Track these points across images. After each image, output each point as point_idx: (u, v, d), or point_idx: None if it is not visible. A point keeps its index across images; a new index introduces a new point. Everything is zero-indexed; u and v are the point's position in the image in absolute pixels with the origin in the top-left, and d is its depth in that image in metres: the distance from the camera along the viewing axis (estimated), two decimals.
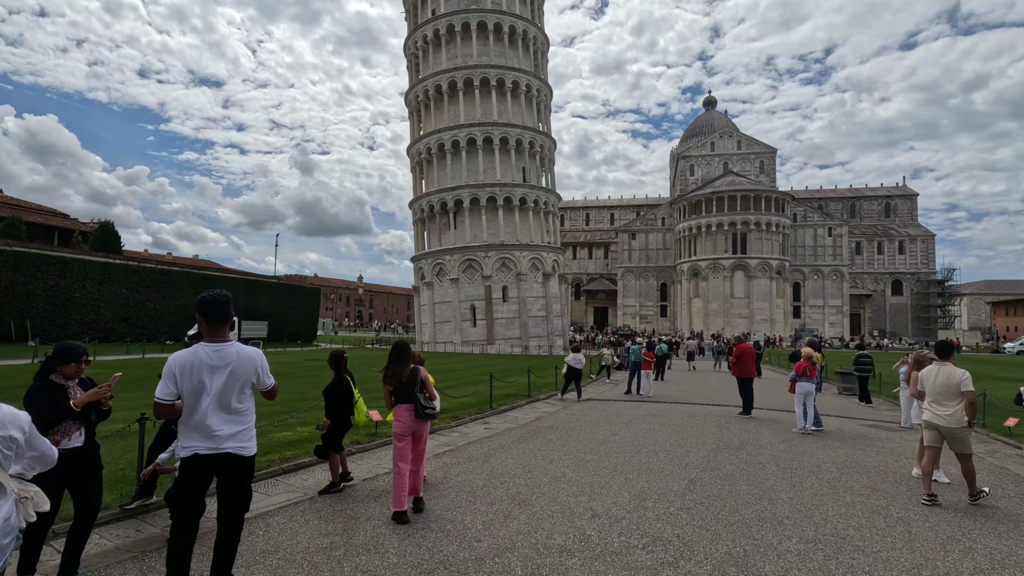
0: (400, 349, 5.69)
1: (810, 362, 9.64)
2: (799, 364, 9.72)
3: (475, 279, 45.72)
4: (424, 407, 5.34)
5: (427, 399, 5.43)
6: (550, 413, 11.81)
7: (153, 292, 33.97)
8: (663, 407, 13.01)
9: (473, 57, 47.63)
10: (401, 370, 5.46)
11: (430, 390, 5.53)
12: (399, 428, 5.30)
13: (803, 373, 9.57)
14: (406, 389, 5.40)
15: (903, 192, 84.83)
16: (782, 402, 14.66)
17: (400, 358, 5.56)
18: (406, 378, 5.40)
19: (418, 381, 5.44)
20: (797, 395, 9.67)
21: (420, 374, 5.50)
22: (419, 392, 5.39)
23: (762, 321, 66.54)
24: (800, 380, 9.63)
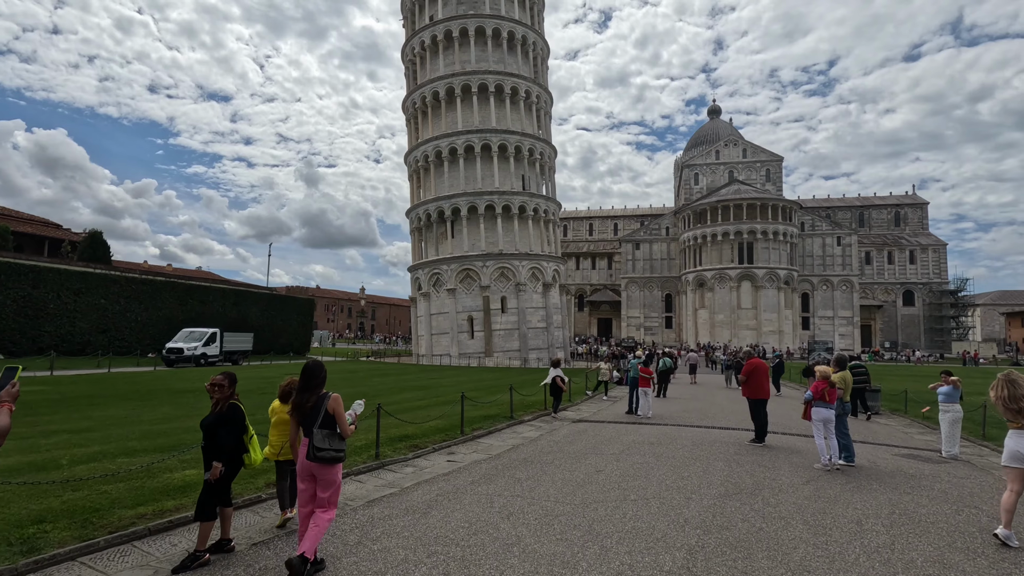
0: (309, 373, 4.51)
1: (828, 382, 8.04)
2: (815, 385, 8.11)
3: (473, 289, 44.23)
4: (318, 448, 4.24)
5: (330, 437, 4.30)
6: (531, 440, 10.21)
7: (134, 303, 32.62)
8: (663, 432, 11.37)
9: (472, 63, 46.57)
10: (307, 399, 4.38)
11: (342, 426, 4.41)
12: (298, 467, 4.38)
13: (820, 396, 7.96)
14: (308, 422, 4.34)
15: (913, 201, 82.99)
16: (799, 424, 12.98)
17: (308, 384, 4.45)
18: (309, 409, 4.34)
19: (321, 413, 4.32)
20: (815, 423, 8.06)
21: (327, 405, 4.36)
22: (319, 427, 4.28)
23: (770, 333, 64.57)
24: (817, 404, 8.03)
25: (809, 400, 8.07)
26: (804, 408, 8.29)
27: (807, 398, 8.11)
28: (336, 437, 4.32)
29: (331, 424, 4.33)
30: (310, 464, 4.26)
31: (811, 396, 8.01)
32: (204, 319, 35.57)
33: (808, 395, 8.08)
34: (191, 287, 37.44)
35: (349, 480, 6.89)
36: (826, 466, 7.76)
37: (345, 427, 4.42)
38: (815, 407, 8.00)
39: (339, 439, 4.35)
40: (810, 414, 8.12)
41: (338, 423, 4.36)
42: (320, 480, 4.30)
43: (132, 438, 8.54)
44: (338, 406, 4.42)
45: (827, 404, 7.90)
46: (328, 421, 4.32)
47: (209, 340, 30.12)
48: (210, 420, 4.61)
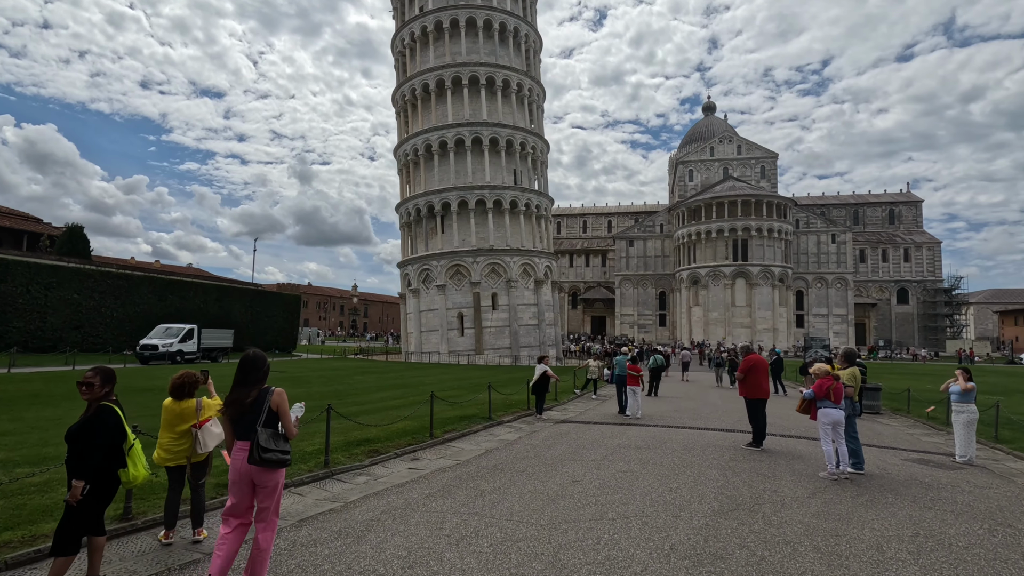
0: (248, 365, 3.90)
1: (833, 378, 7.16)
2: (820, 382, 7.22)
3: (463, 286, 43.30)
4: (264, 448, 3.64)
5: (275, 437, 3.73)
6: (507, 443, 9.30)
7: (110, 298, 31.46)
8: (652, 434, 10.49)
9: (462, 55, 45.55)
10: (245, 394, 3.79)
11: (287, 424, 3.84)
12: (232, 474, 3.78)
13: (825, 394, 7.10)
14: (246, 420, 3.73)
15: (907, 199, 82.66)
16: (799, 425, 12.14)
17: (247, 378, 3.86)
18: (249, 405, 3.75)
19: (264, 410, 3.74)
20: (822, 425, 7.15)
21: (271, 399, 3.80)
22: (263, 426, 3.70)
23: (764, 330, 63.95)
24: (823, 404, 7.15)
25: (810, 398, 7.18)
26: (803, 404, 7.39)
27: (807, 396, 7.22)
28: (281, 438, 3.77)
29: (275, 423, 3.78)
30: (251, 469, 3.68)
31: (812, 394, 7.13)
32: (185, 315, 34.44)
33: (808, 393, 7.19)
34: (170, 282, 36.29)
35: (288, 493, 5.98)
36: (833, 475, 6.88)
37: (290, 426, 3.84)
38: (823, 408, 7.10)
39: (284, 440, 3.79)
40: (815, 414, 7.24)
41: (282, 421, 3.80)
42: (262, 487, 3.74)
43: (52, 443, 7.58)
44: (283, 402, 3.84)
45: (835, 404, 7.04)
46: (272, 419, 3.77)
47: (186, 336, 29.02)
48: (75, 427, 3.70)
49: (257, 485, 3.75)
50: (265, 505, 3.76)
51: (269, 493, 3.78)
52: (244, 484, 3.73)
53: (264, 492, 3.76)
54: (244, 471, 3.70)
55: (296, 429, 3.99)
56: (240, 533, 3.76)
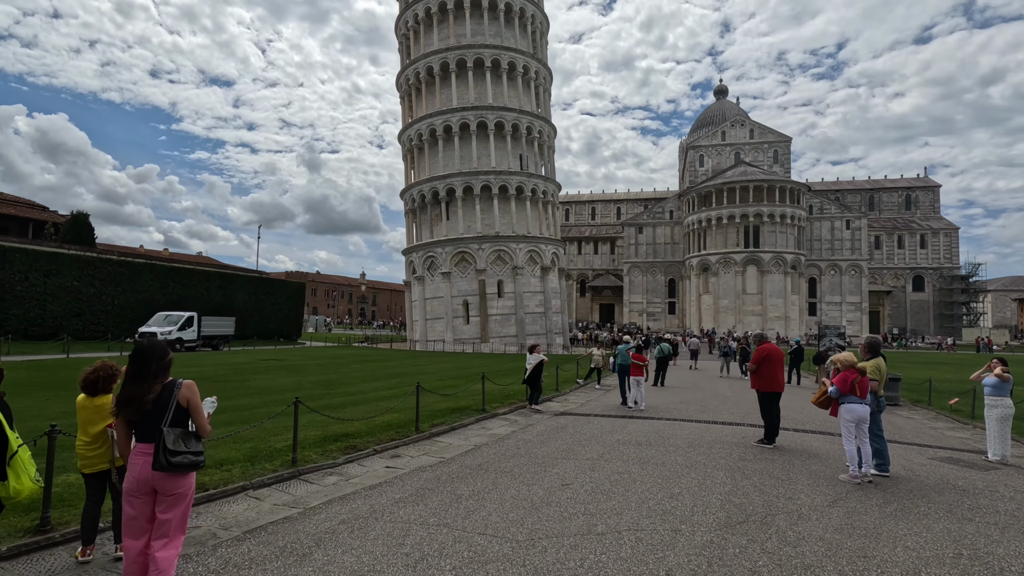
0: (144, 357, 3.27)
1: (858, 371, 6.41)
2: (842, 376, 6.43)
3: (468, 273, 42.66)
4: (171, 451, 3.12)
5: (184, 437, 3.21)
6: (498, 438, 8.67)
7: (110, 285, 31.17)
8: (655, 428, 9.81)
9: (467, 37, 44.49)
10: (143, 391, 3.17)
11: (199, 421, 3.33)
12: (128, 483, 3.20)
13: (850, 389, 6.37)
14: (149, 419, 3.18)
15: (924, 184, 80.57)
16: (814, 419, 11.39)
17: (142, 371, 3.23)
18: (151, 403, 3.17)
19: (171, 407, 3.22)
20: (844, 423, 6.40)
21: (178, 395, 3.27)
22: (169, 425, 3.18)
23: (776, 318, 62.81)
24: (845, 400, 6.42)
25: (835, 396, 6.46)
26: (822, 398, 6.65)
27: (832, 393, 6.49)
28: (192, 437, 3.26)
29: (184, 420, 3.28)
30: (156, 476, 3.13)
31: (837, 391, 6.40)
32: (187, 303, 34.16)
33: (833, 390, 6.45)
34: (173, 269, 35.97)
35: (243, 496, 5.38)
36: (855, 478, 6.17)
37: (204, 423, 3.34)
38: (847, 403, 6.37)
39: (196, 439, 3.28)
40: (836, 410, 6.51)
41: (193, 418, 3.31)
42: (167, 497, 3.18)
43: None
44: (194, 396, 3.32)
45: (859, 399, 6.31)
46: (181, 417, 3.26)
47: (185, 324, 28.69)
48: None
49: (160, 494, 3.17)
50: (167, 517, 3.17)
51: (175, 503, 3.19)
52: (146, 493, 3.16)
53: (168, 502, 3.18)
54: (145, 478, 3.15)
55: (210, 426, 3.41)
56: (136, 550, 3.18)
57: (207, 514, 4.87)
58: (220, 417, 9.16)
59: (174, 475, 3.16)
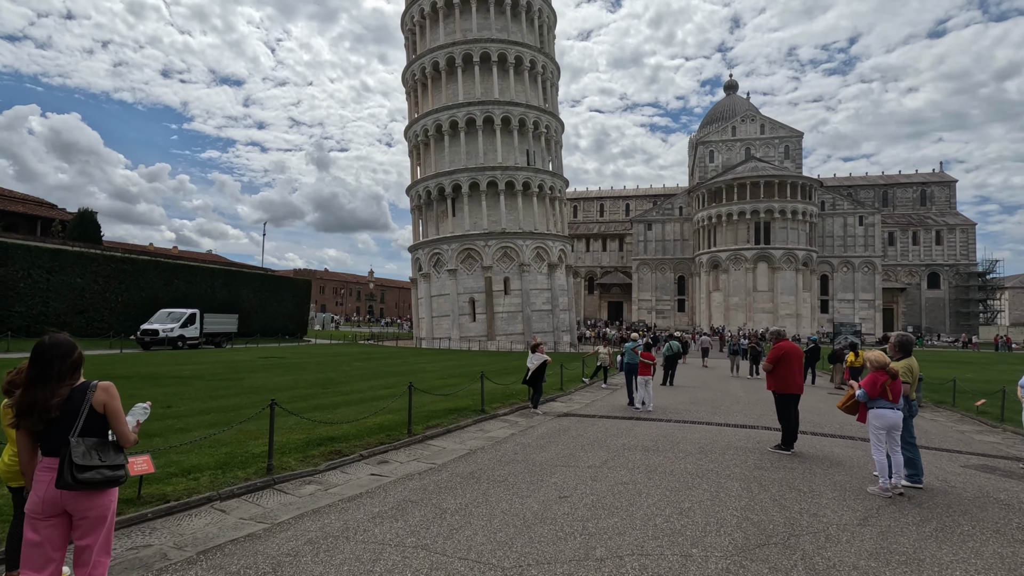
0: (46, 355, 2.74)
1: (888, 372, 5.74)
2: (871, 377, 5.77)
3: (475, 270, 42.18)
4: (80, 466, 2.61)
5: (99, 448, 2.71)
6: (496, 442, 8.14)
7: (114, 282, 31.00)
8: (663, 431, 9.24)
9: (473, 31, 43.92)
10: (46, 395, 2.66)
11: (119, 429, 2.80)
12: (32, 504, 2.66)
13: (880, 393, 5.72)
14: (56, 429, 2.69)
15: (940, 179, 78.94)
16: (833, 420, 10.76)
17: (45, 372, 2.71)
18: (56, 410, 2.67)
19: (82, 414, 2.71)
20: (874, 430, 5.76)
21: (91, 399, 2.74)
22: (80, 435, 2.68)
23: (787, 316, 61.76)
24: (875, 405, 5.77)
25: (864, 400, 5.87)
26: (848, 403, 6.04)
27: (860, 397, 5.87)
28: (111, 448, 2.76)
29: (100, 429, 2.76)
30: (65, 496, 2.63)
31: (865, 395, 5.81)
32: (191, 300, 33.96)
33: (861, 393, 5.83)
34: (177, 267, 35.79)
35: (208, 509, 4.90)
36: (885, 490, 5.56)
37: (126, 431, 2.82)
38: (877, 409, 5.75)
39: (115, 450, 2.77)
40: (864, 415, 5.91)
41: (112, 426, 2.79)
42: (82, 521, 2.67)
43: None
44: (112, 399, 2.78)
45: (891, 404, 5.71)
46: (96, 425, 2.73)
47: (188, 321, 28.43)
48: None
49: (74, 517, 2.67)
50: (85, 544, 2.68)
51: (92, 527, 2.70)
52: (53, 517, 2.65)
53: (84, 526, 2.68)
54: (52, 499, 2.64)
55: (136, 435, 2.89)
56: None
57: (163, 530, 4.39)
58: (203, 419, 8.73)
59: (87, 494, 2.67)
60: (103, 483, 2.68)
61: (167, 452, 6.30)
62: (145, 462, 4.80)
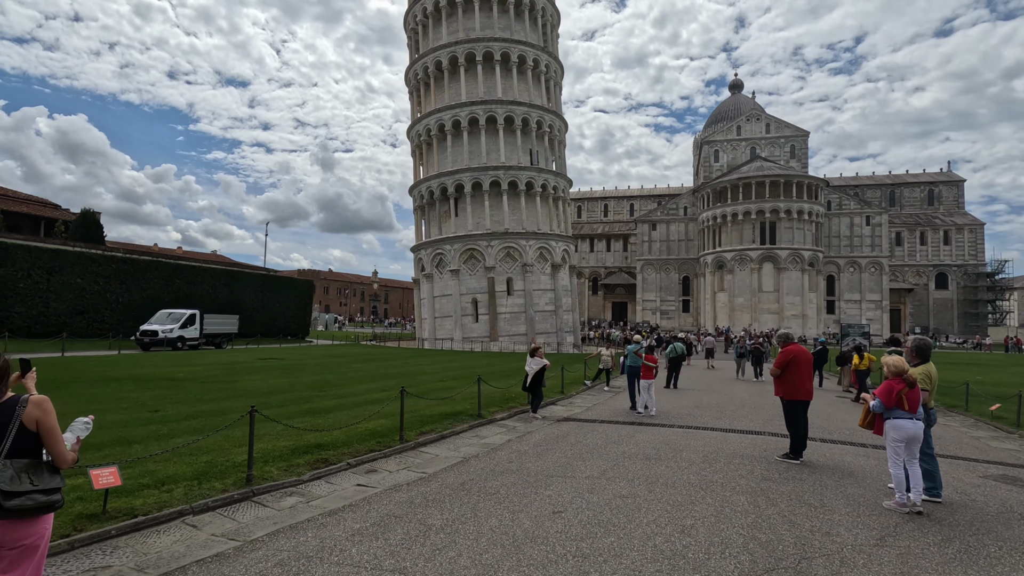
0: None
1: (906, 380, 5.28)
2: (886, 386, 5.33)
3: (477, 270, 41.90)
4: (8, 493, 2.32)
5: (31, 470, 2.44)
6: (491, 449, 7.83)
7: (115, 283, 30.87)
8: (666, 437, 8.90)
9: (476, 30, 43.68)
10: None
11: (54, 448, 2.53)
12: None
13: (896, 402, 5.27)
14: None
15: (948, 178, 78.12)
16: (842, 426, 10.38)
17: None
18: None
19: (10, 433, 2.43)
20: (891, 443, 5.34)
21: (23, 414, 2.46)
22: (8, 456, 2.41)
23: (792, 317, 61.21)
24: (892, 416, 5.33)
25: (879, 411, 5.47)
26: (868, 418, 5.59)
27: (875, 408, 5.42)
28: (44, 469, 2.49)
29: (32, 449, 2.49)
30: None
31: (881, 405, 5.37)
32: (192, 300, 33.82)
33: (876, 404, 5.38)
34: (178, 267, 35.65)
35: (179, 524, 4.60)
36: (902, 505, 5.20)
37: (62, 450, 2.55)
38: (894, 420, 5.32)
39: (50, 472, 2.51)
40: (882, 426, 5.49)
41: (46, 444, 2.52)
42: (9, 552, 2.38)
43: None
44: (46, 415, 2.50)
45: (909, 414, 5.32)
46: (26, 444, 2.46)
47: (187, 322, 28.25)
48: None
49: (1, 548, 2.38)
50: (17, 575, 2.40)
51: (20, 558, 2.42)
52: None
53: (12, 557, 2.40)
54: None
55: (75, 453, 2.61)
56: None
57: (127, 548, 4.10)
58: (189, 424, 8.45)
59: (16, 523, 2.38)
60: (35, 510, 2.40)
61: (144, 461, 6.02)
62: (112, 474, 4.51)
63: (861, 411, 5.80)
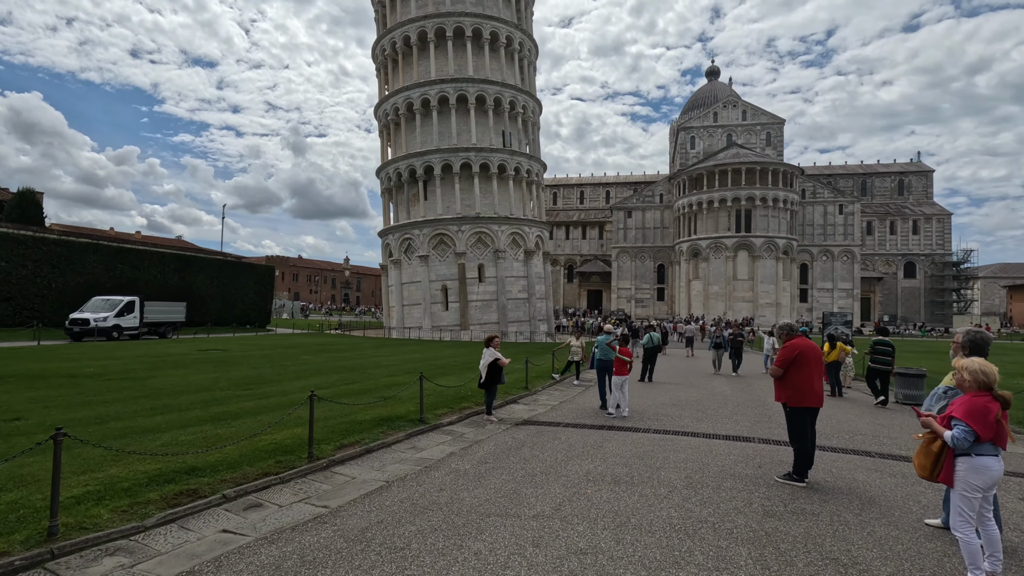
0: None
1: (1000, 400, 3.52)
2: (975, 405, 3.53)
3: (447, 256, 40.19)
4: None
5: None
6: (426, 466, 6.28)
7: (46, 267, 28.23)
8: (639, 447, 7.47)
9: (446, 4, 41.58)
10: None
11: None
12: None
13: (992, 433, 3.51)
14: None
15: (917, 168, 78.94)
16: (838, 429, 9.11)
17: None
18: None
19: None
20: (963, 494, 3.55)
21: None
22: None
23: (767, 305, 61.07)
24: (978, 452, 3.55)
25: (963, 445, 3.51)
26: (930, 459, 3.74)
27: (959, 442, 3.52)
28: None
29: None
30: None
31: (968, 436, 3.47)
32: (138, 287, 31.33)
33: (960, 435, 3.50)
34: (121, 250, 32.96)
35: None
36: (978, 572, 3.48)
37: None
38: (977, 458, 3.52)
39: None
40: (950, 472, 3.63)
41: None
42: None
43: None
44: None
45: (995, 448, 3.53)
46: None
47: (124, 309, 25.87)
48: None
49: None
50: None
51: None
52: None
53: None
54: None
55: None
56: None
57: None
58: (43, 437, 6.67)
59: None
60: None
61: None
62: None
63: (920, 451, 3.83)
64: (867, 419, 10.35)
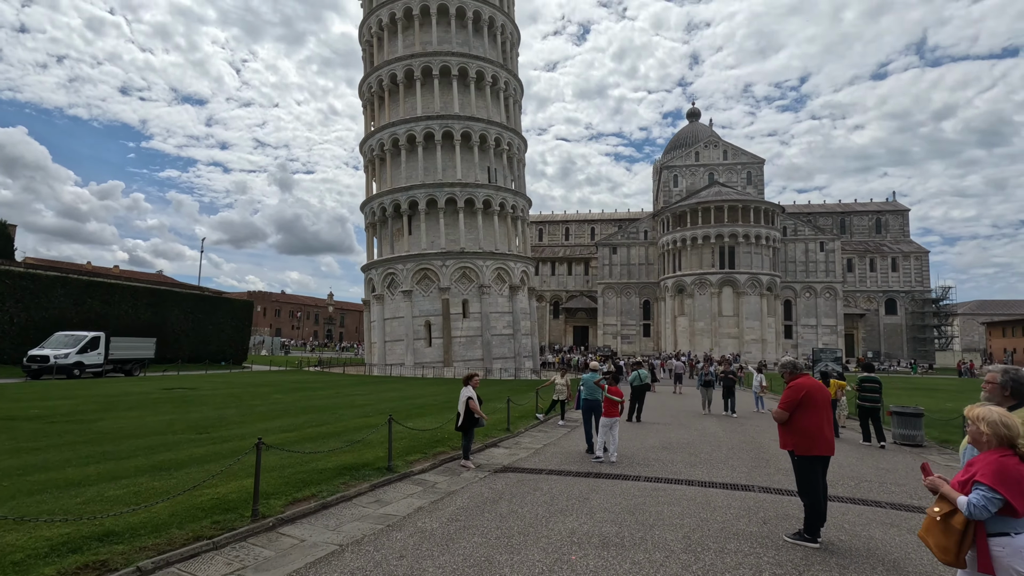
0: None
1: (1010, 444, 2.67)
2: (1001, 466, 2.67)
3: (431, 291, 39.51)
4: None
5: None
6: (389, 525, 5.50)
7: (9, 302, 27.00)
8: (630, 500, 6.75)
9: (433, 44, 42.19)
10: None
11: None
12: None
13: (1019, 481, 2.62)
14: None
15: (894, 207, 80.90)
16: (842, 475, 8.46)
17: None
18: None
19: None
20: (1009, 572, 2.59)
21: None
22: None
23: (752, 341, 60.92)
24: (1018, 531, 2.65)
25: (983, 516, 2.63)
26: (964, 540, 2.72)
27: (976, 510, 2.64)
28: None
29: None
30: None
31: (990, 506, 2.61)
32: (107, 322, 30.09)
33: (979, 502, 2.64)
34: (90, 284, 31.77)
35: None
36: None
37: None
38: (1010, 538, 2.64)
39: None
40: (988, 560, 2.65)
41: None
42: None
43: None
44: None
45: None
46: None
47: (88, 346, 24.63)
48: None
49: None
50: None
51: None
52: None
53: None
54: None
55: None
56: None
57: None
58: None
59: None
60: None
61: None
62: None
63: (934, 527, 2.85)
64: (869, 463, 9.74)
